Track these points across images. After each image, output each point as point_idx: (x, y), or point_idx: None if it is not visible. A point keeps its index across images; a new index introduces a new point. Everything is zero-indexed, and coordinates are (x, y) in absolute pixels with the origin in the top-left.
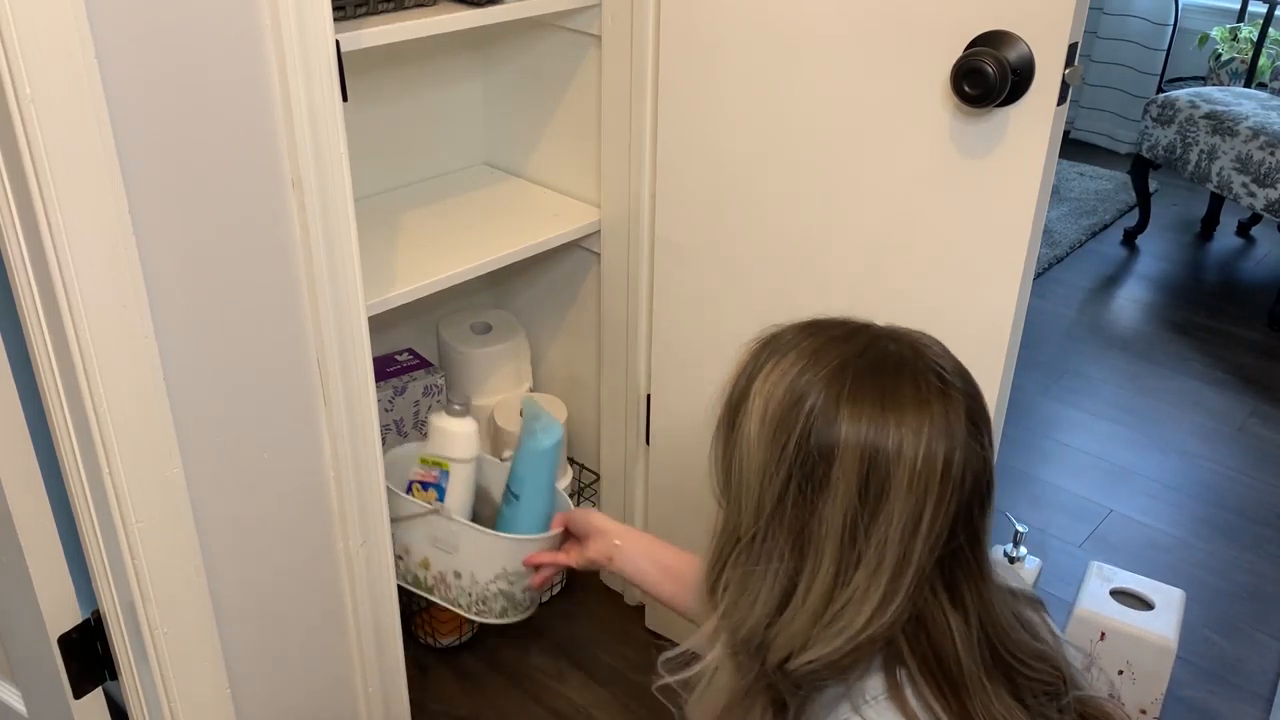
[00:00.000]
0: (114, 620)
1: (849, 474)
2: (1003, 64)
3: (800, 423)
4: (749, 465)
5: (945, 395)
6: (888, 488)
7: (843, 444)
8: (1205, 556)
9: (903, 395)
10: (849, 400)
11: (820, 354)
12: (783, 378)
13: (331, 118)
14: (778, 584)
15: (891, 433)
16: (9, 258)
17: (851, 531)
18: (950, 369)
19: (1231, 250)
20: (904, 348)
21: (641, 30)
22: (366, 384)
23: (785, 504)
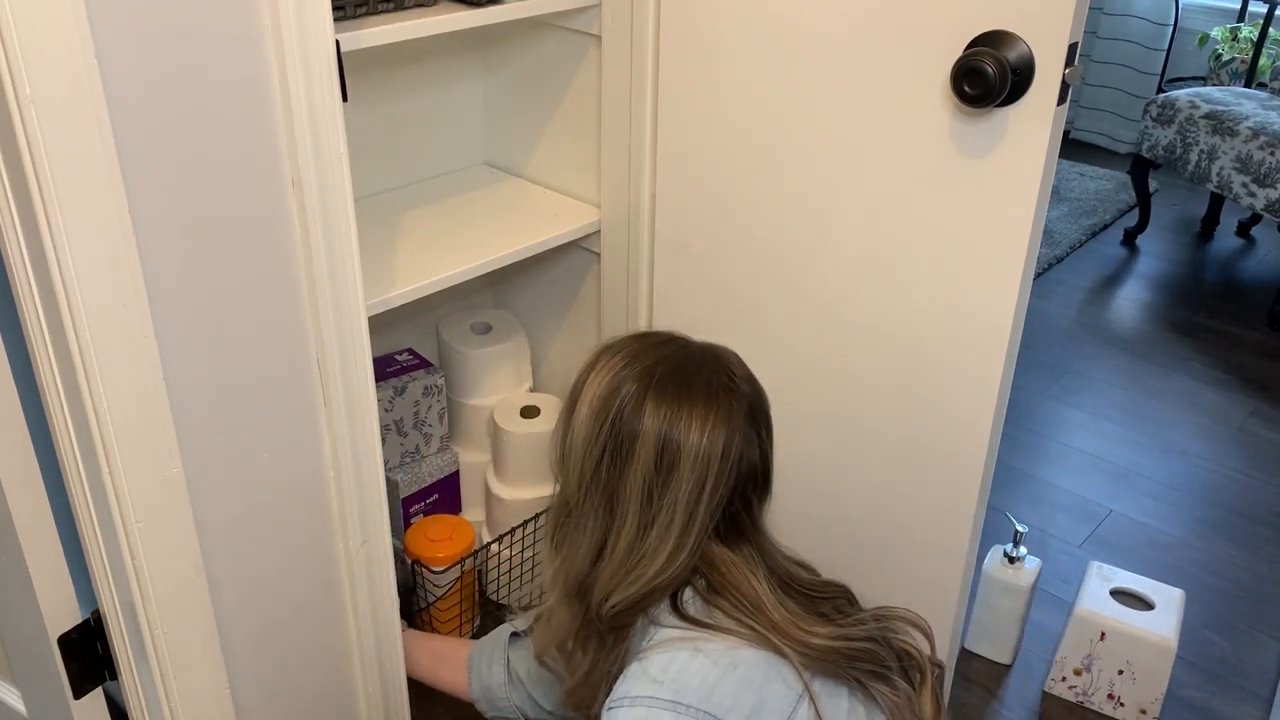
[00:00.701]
0: (114, 620)
1: (648, 450)
2: (1003, 64)
3: (614, 407)
4: (575, 441)
5: (731, 393)
6: (678, 462)
7: (644, 426)
8: (1205, 556)
9: (695, 391)
10: (653, 392)
11: (638, 356)
12: (608, 372)
13: (331, 118)
14: (594, 537)
15: (683, 420)
16: (9, 258)
17: (648, 496)
18: (739, 374)
19: (1231, 250)
20: (705, 355)
21: (641, 30)
22: (366, 384)
23: (600, 472)
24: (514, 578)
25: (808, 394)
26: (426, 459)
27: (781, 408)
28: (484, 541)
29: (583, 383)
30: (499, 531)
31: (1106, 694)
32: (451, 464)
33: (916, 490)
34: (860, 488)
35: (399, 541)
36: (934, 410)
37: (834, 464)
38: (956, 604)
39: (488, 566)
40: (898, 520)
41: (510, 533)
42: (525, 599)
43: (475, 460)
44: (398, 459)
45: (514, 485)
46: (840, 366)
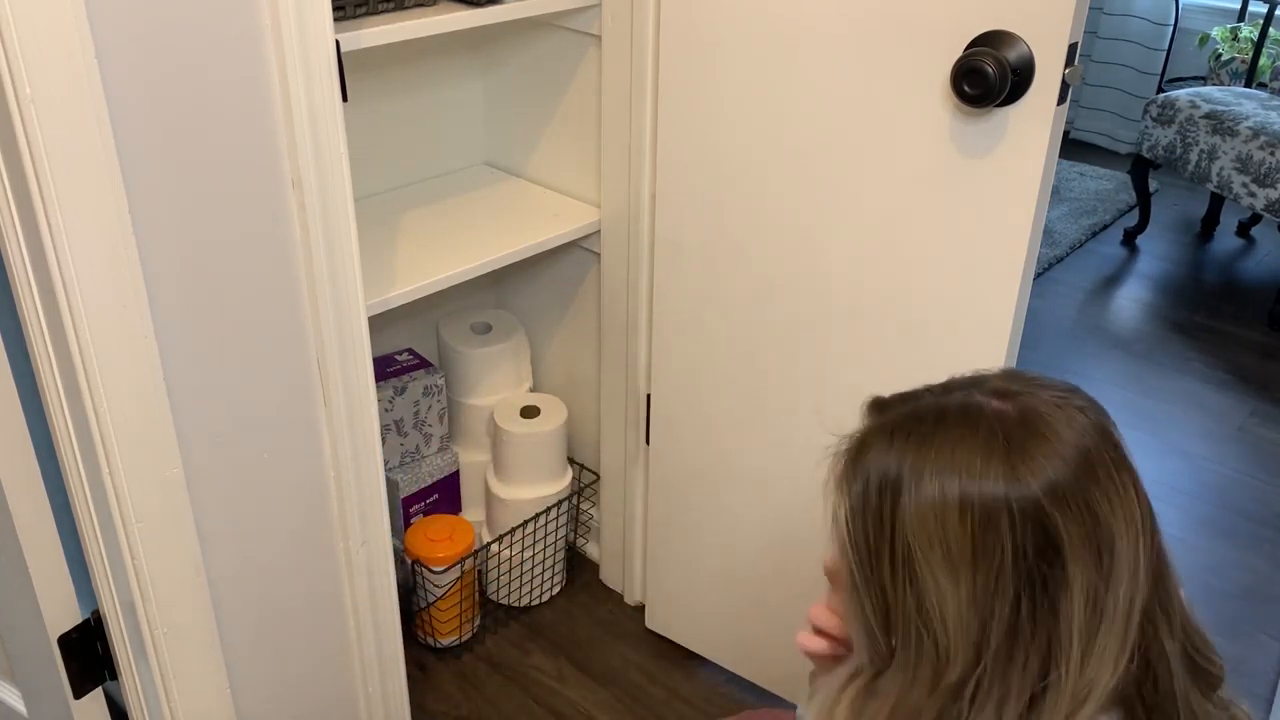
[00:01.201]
0: (114, 620)
1: (1082, 559)
2: (1003, 64)
3: (1006, 535)
4: (949, 611)
5: (1086, 420)
6: (1114, 544)
7: (1064, 530)
8: (1205, 556)
9: (1066, 445)
10: (1039, 486)
11: (959, 450)
12: (943, 496)
13: (331, 118)
14: (1022, 701)
15: (1091, 485)
16: (9, 258)
17: (1093, 604)
18: (1060, 396)
19: (1231, 250)
20: (1016, 397)
21: (641, 30)
22: (366, 384)
23: (1020, 627)
24: (514, 578)
25: (807, 393)
26: (426, 459)
27: (781, 407)
28: (484, 541)
29: (890, 533)
30: (499, 531)
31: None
32: (451, 464)
33: None
34: None
35: (399, 541)
36: None
37: None
38: None
39: (488, 566)
40: None
41: (510, 533)
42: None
43: (475, 460)
44: (398, 459)
45: (514, 485)
46: (840, 366)
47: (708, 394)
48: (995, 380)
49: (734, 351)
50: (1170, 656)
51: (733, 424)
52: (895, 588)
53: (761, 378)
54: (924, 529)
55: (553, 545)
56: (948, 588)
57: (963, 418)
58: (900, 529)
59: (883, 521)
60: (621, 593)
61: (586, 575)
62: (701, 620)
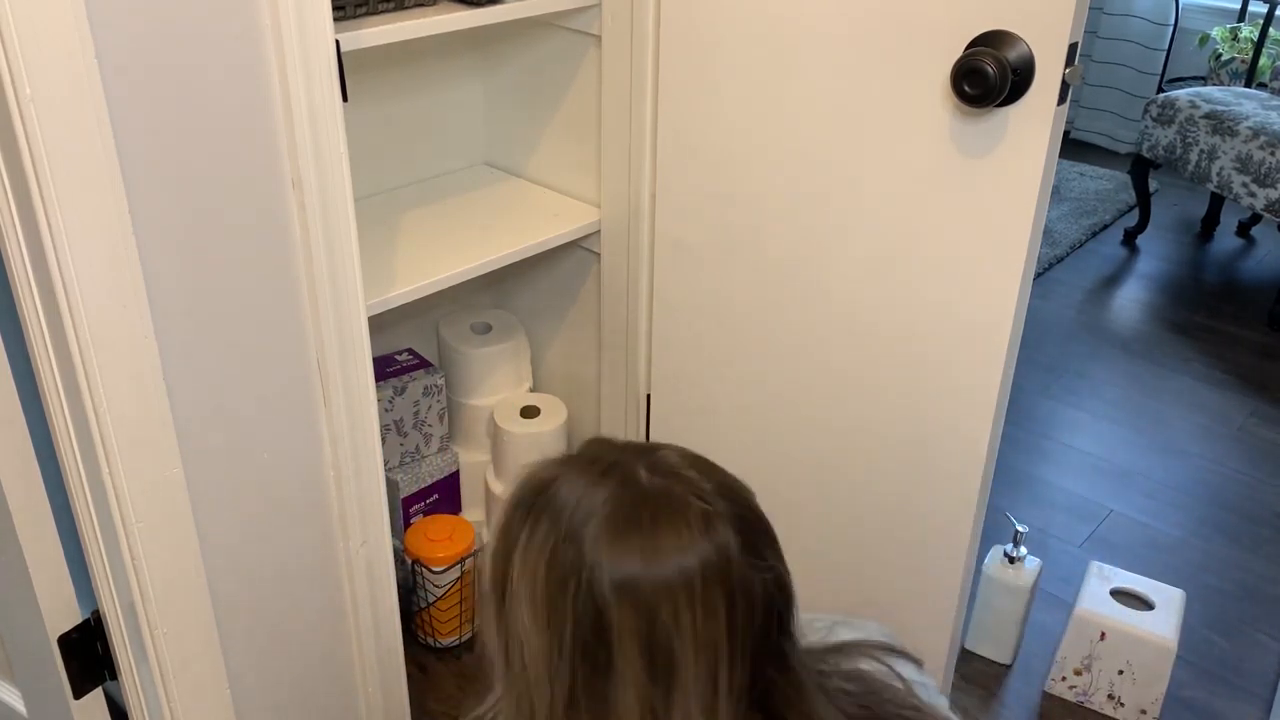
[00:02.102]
0: (114, 620)
1: (630, 655)
2: (1003, 64)
3: (570, 600)
4: (530, 654)
5: (709, 529)
6: (674, 657)
7: (616, 622)
8: (1205, 556)
9: (663, 540)
10: (610, 563)
11: (581, 502)
12: (545, 544)
13: (331, 118)
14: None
15: (663, 592)
16: (9, 258)
17: (652, 713)
18: (717, 489)
19: (1231, 250)
20: (664, 476)
21: (641, 30)
22: (366, 384)
23: (577, 696)
24: None
25: (807, 394)
26: (426, 459)
27: (781, 408)
28: (484, 541)
29: (505, 569)
30: None
31: (1106, 694)
32: (451, 464)
33: (917, 490)
34: (860, 488)
35: (399, 541)
36: (934, 410)
37: (834, 464)
38: (956, 604)
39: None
40: (898, 520)
41: None
42: None
43: (475, 460)
44: (398, 459)
45: None
46: (839, 365)
47: (708, 394)
48: (671, 456)
49: (734, 352)
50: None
51: (732, 423)
52: (508, 619)
53: (761, 377)
54: (524, 570)
55: None
56: (531, 631)
57: (604, 476)
58: (512, 565)
59: (507, 553)
60: None
61: None
62: None
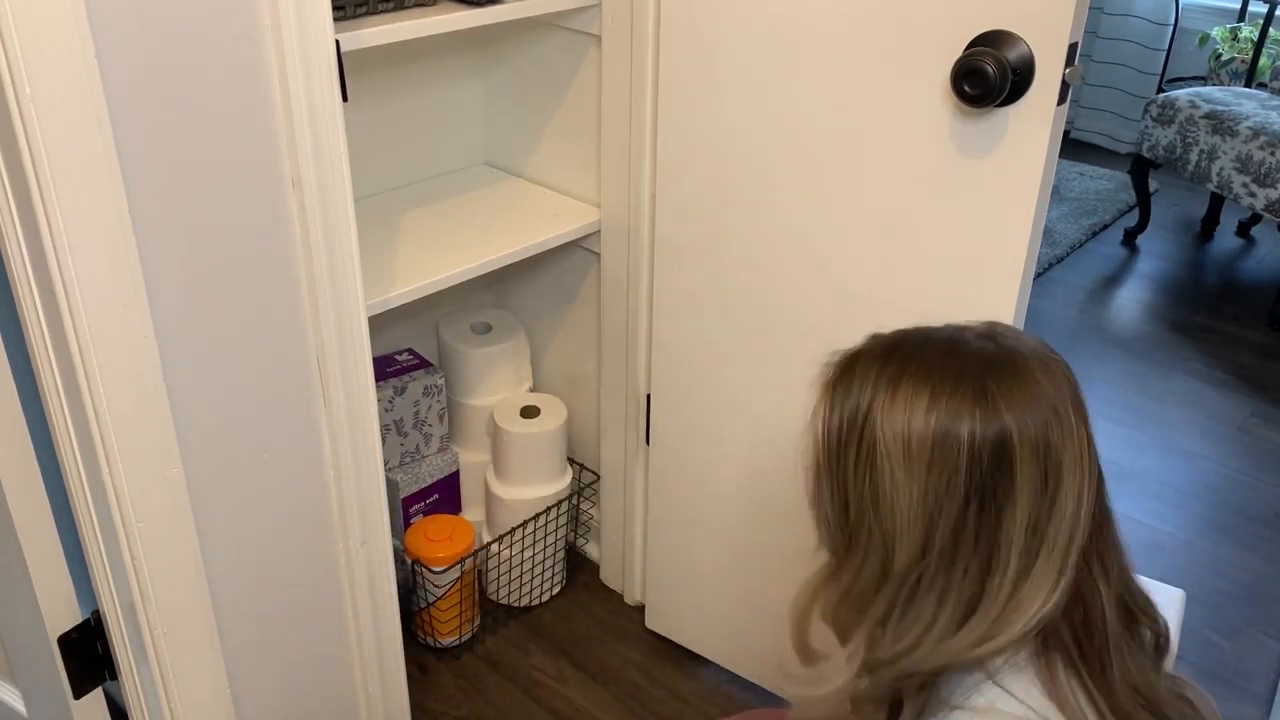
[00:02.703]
0: (114, 620)
1: (1030, 477)
2: (1003, 64)
3: (965, 441)
4: (900, 504)
5: (1058, 372)
6: (1061, 474)
7: (1018, 448)
8: (1205, 556)
9: (1038, 384)
10: (1005, 406)
11: (936, 371)
12: (914, 402)
13: (331, 118)
14: (961, 602)
15: (1052, 422)
16: (9, 258)
17: (1034, 526)
18: (1039, 348)
19: (1231, 250)
20: (1000, 339)
21: (641, 30)
22: (366, 384)
23: (965, 530)
24: (514, 578)
25: (807, 393)
26: (426, 459)
27: (781, 408)
28: (484, 541)
29: (861, 432)
30: (499, 531)
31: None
32: (451, 464)
33: None
34: None
35: (399, 541)
36: None
37: None
38: None
39: (488, 566)
40: None
41: (510, 533)
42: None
43: (475, 460)
44: (398, 459)
45: (514, 485)
46: None
47: (708, 394)
48: (980, 326)
49: (734, 352)
50: (1105, 602)
51: (733, 424)
52: (856, 478)
53: (761, 377)
54: (890, 425)
55: (553, 545)
56: (903, 482)
57: (947, 346)
58: (870, 424)
59: (857, 417)
60: (621, 593)
61: (586, 575)
62: (701, 620)
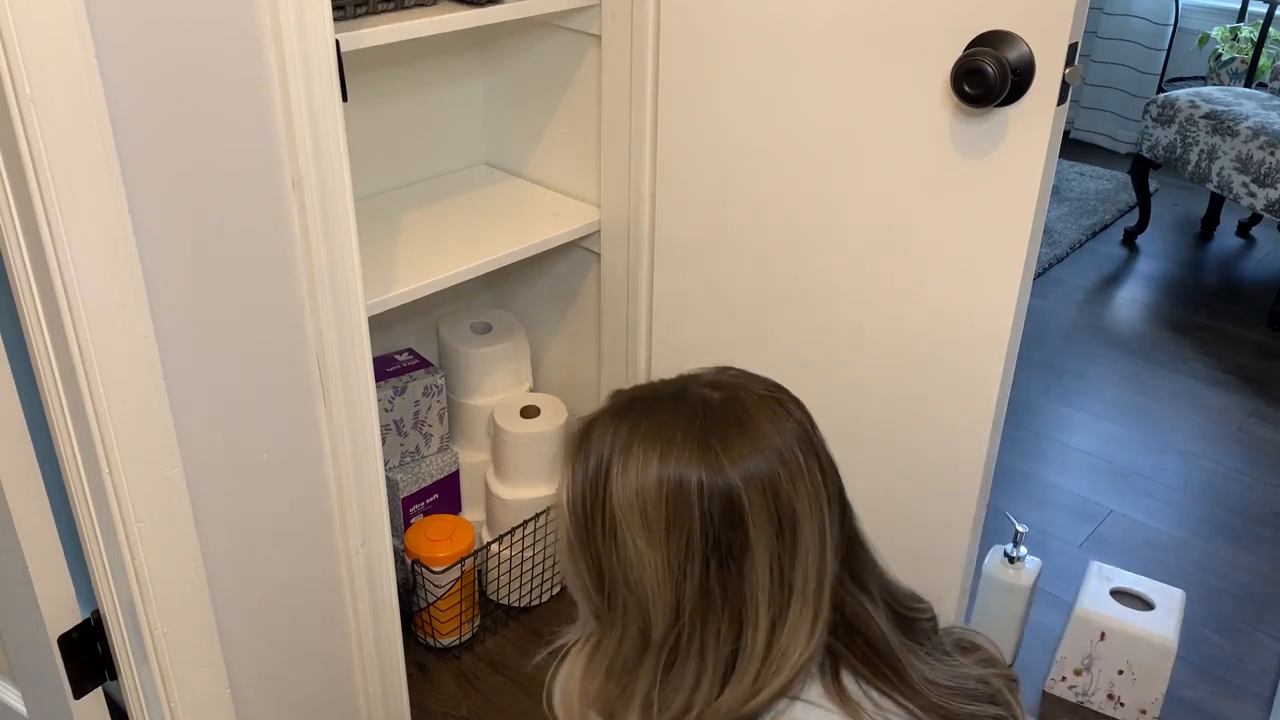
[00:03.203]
0: (114, 620)
1: (763, 528)
2: (1003, 64)
3: (695, 504)
4: (647, 573)
5: (783, 413)
6: (796, 519)
7: (747, 502)
8: (1205, 556)
9: (760, 431)
10: (728, 460)
11: (664, 430)
12: (645, 470)
13: (331, 118)
14: (719, 661)
15: (779, 469)
16: (9, 258)
17: (779, 576)
18: (767, 385)
19: (1231, 250)
20: (726, 388)
21: (641, 30)
22: (366, 384)
23: (711, 590)
24: (514, 578)
25: (807, 393)
26: (426, 459)
27: None
28: (484, 541)
29: (602, 502)
30: (499, 531)
31: (1106, 694)
32: (451, 464)
33: (916, 490)
34: (860, 487)
35: (399, 541)
36: (934, 410)
37: None
38: (956, 604)
39: (488, 566)
40: (898, 520)
41: (510, 533)
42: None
43: (475, 460)
44: (398, 459)
45: (514, 485)
46: (839, 365)
47: None
48: (710, 373)
49: (734, 351)
50: (877, 619)
51: None
52: (605, 552)
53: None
54: (627, 497)
55: (553, 545)
56: (645, 551)
57: (673, 401)
58: (609, 497)
59: (597, 490)
60: None
61: None
62: None
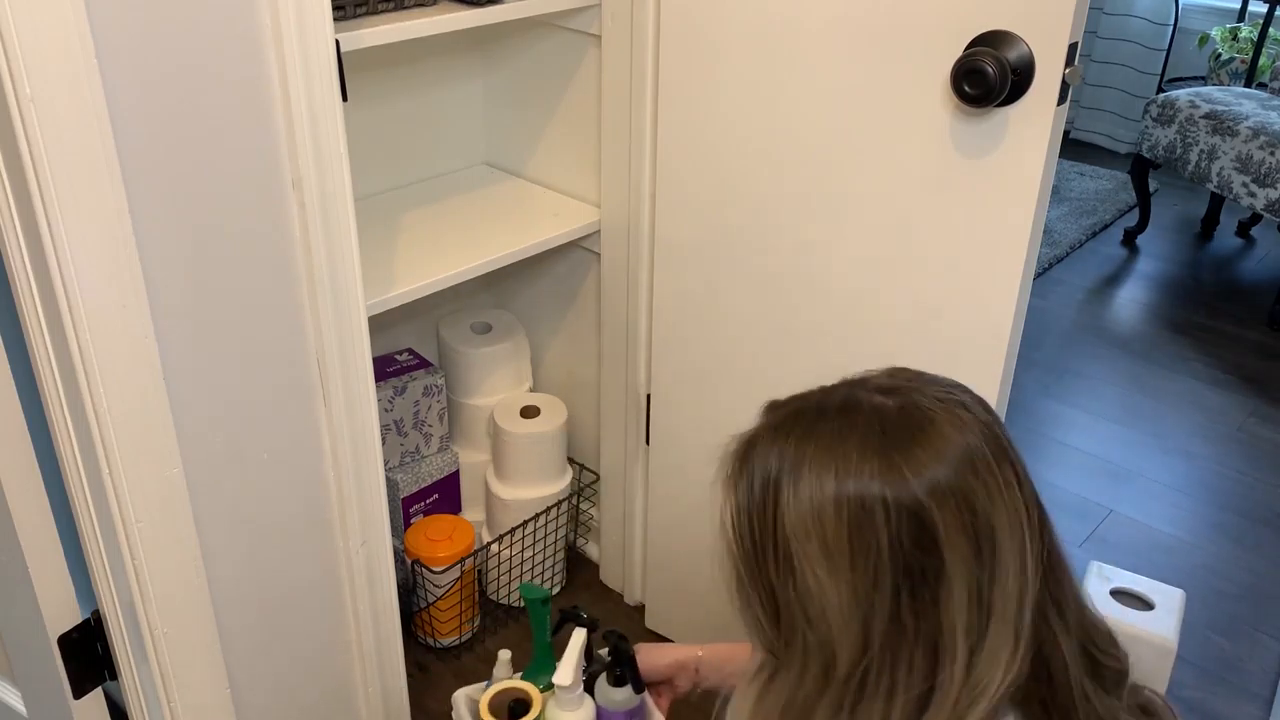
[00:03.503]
0: (114, 620)
1: (959, 548)
2: (1003, 64)
3: (881, 528)
4: (830, 605)
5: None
6: (995, 535)
7: (939, 521)
8: (1205, 556)
9: (945, 437)
10: (912, 473)
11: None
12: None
13: (331, 118)
14: (910, 695)
15: (971, 479)
16: (9, 258)
17: (977, 599)
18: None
19: (1231, 250)
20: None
21: (641, 30)
22: (366, 384)
23: (902, 620)
24: (514, 578)
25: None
26: (426, 459)
27: None
28: (484, 541)
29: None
30: (499, 531)
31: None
32: (451, 464)
33: None
34: None
35: (399, 541)
36: None
37: None
38: None
39: (488, 566)
40: None
41: (510, 533)
42: None
43: (475, 460)
44: (398, 459)
45: (514, 485)
46: (839, 365)
47: (708, 394)
48: (880, 377)
49: (734, 351)
50: (1066, 654)
51: (732, 424)
52: (780, 584)
53: (761, 377)
54: (801, 524)
55: (553, 545)
56: (827, 582)
57: (842, 413)
58: (781, 525)
59: (765, 518)
60: (621, 593)
61: (586, 575)
62: (701, 620)
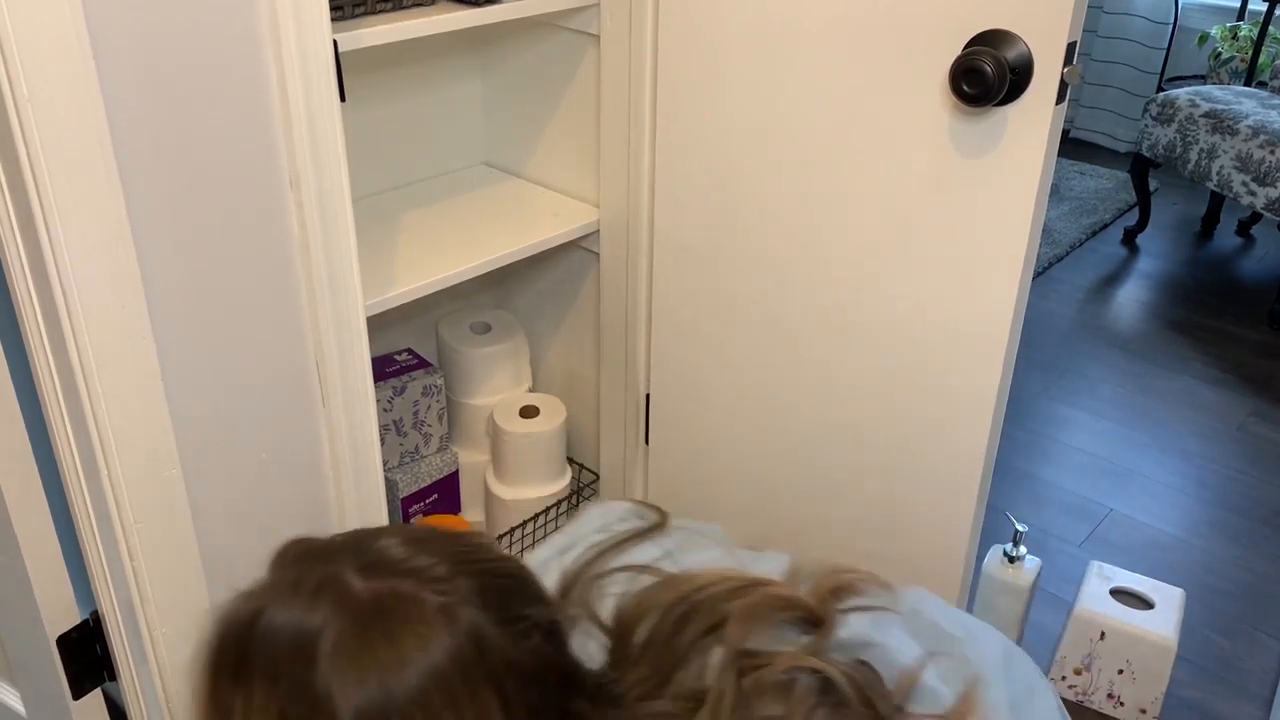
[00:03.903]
0: (113, 621)
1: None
2: (1001, 63)
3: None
4: None
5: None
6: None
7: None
8: (1205, 556)
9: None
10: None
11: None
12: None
13: (330, 118)
14: None
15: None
16: (7, 259)
17: None
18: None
19: (1231, 249)
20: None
21: (640, 30)
22: (365, 384)
23: None
24: None
25: (806, 393)
26: (426, 459)
27: (780, 407)
28: None
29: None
30: (498, 531)
31: (1106, 693)
32: (451, 464)
33: (916, 490)
34: (859, 487)
35: None
36: (934, 409)
37: (833, 463)
38: (956, 603)
39: None
40: (897, 520)
41: (510, 533)
42: None
43: (475, 460)
44: (397, 459)
45: (513, 485)
46: (838, 365)
47: (707, 394)
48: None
49: (733, 351)
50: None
51: (732, 424)
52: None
53: (761, 377)
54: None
55: None
56: None
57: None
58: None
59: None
60: None
61: None
62: None
